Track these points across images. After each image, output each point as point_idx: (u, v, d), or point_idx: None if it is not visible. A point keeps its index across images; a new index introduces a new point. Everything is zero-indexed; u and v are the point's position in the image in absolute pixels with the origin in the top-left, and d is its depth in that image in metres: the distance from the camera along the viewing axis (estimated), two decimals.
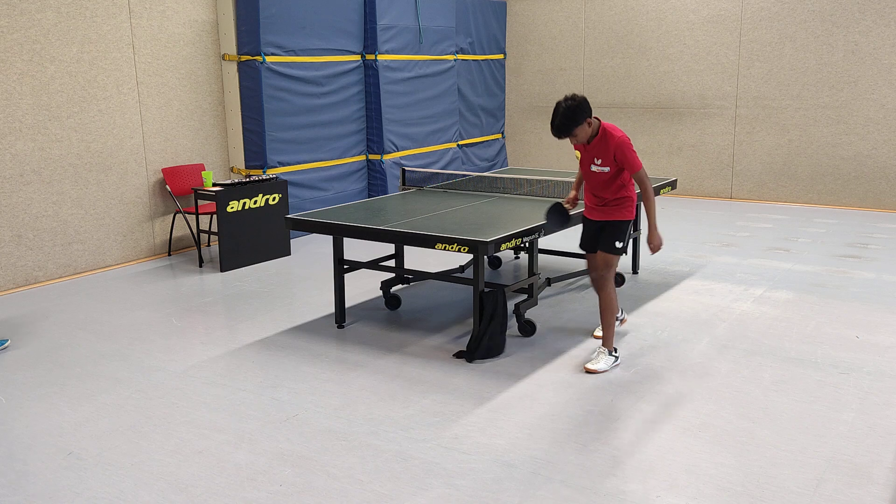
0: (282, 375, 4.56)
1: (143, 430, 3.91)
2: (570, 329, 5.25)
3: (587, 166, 4.58)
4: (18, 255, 6.45)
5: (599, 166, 4.51)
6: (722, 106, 9.94)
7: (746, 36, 9.64)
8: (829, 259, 6.97)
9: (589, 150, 4.54)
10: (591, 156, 4.53)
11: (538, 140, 11.48)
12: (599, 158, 4.50)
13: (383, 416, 4.00)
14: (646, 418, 3.93)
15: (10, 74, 6.27)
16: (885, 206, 9.15)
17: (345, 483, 3.36)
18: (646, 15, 10.28)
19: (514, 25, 11.39)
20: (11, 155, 6.34)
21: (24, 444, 3.77)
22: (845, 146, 9.27)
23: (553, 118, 4.35)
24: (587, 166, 4.58)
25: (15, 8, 6.24)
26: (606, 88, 10.72)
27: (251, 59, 7.72)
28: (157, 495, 3.29)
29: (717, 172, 10.13)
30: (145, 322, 5.58)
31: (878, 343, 4.91)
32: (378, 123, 8.95)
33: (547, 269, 6.66)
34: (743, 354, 4.76)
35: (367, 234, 4.89)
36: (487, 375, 4.49)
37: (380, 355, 4.85)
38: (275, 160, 7.96)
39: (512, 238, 4.62)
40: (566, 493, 3.26)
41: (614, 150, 4.43)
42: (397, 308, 5.79)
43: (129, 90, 7.12)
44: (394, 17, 8.97)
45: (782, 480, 3.32)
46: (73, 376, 4.61)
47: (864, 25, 8.97)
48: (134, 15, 7.09)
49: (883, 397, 4.13)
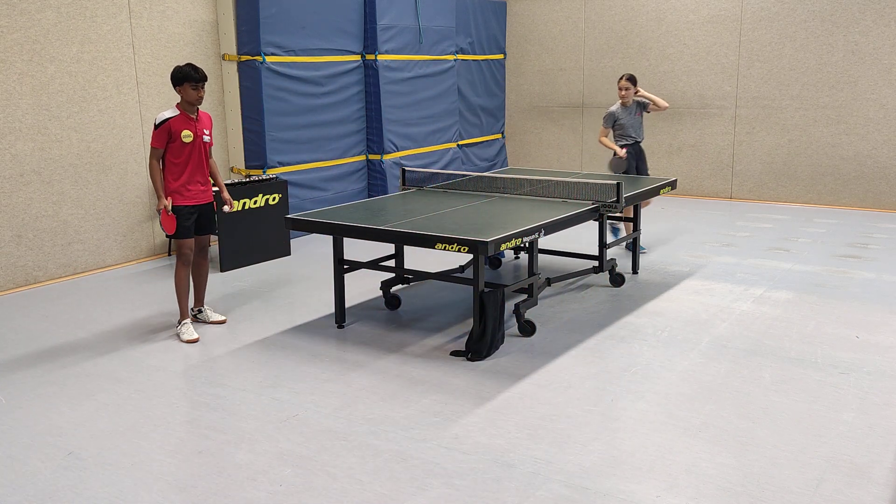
0: (282, 375, 4.56)
1: (143, 430, 3.91)
2: (570, 329, 5.25)
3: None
4: (18, 255, 6.45)
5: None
6: (722, 106, 9.94)
7: (746, 36, 9.64)
8: (829, 259, 6.97)
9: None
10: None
11: (538, 140, 11.48)
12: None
13: (383, 416, 4.00)
14: (646, 418, 3.93)
15: (10, 74, 6.27)
16: (885, 206, 9.15)
17: (345, 483, 3.36)
18: (646, 15, 10.28)
19: (514, 25, 11.39)
20: (11, 155, 6.34)
21: (24, 444, 3.77)
22: (845, 146, 9.27)
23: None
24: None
25: (15, 8, 6.24)
26: (606, 88, 10.72)
27: (251, 59, 7.72)
28: (157, 495, 3.29)
29: (717, 172, 10.13)
30: (145, 322, 5.58)
31: (878, 343, 4.91)
32: (378, 123, 8.95)
33: (547, 269, 6.66)
34: (743, 354, 4.76)
35: (367, 234, 4.89)
36: (487, 375, 4.49)
37: (380, 355, 4.85)
38: (275, 160, 7.95)
39: (512, 238, 4.62)
40: (566, 493, 3.26)
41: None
42: (397, 308, 5.79)
43: (129, 90, 7.12)
44: (394, 17, 8.97)
45: (782, 480, 3.32)
46: (73, 376, 4.61)
47: (864, 25, 8.97)
48: (134, 15, 7.09)
49: (883, 397, 4.13)
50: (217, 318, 5.53)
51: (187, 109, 5.10)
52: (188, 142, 5.06)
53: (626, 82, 7.12)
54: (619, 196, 5.61)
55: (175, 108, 5.10)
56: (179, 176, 5.11)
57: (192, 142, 5.09)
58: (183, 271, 5.23)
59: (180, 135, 5.03)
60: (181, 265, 5.21)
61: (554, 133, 11.33)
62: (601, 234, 6.02)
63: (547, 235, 5.14)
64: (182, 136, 5.04)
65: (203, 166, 5.21)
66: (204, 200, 5.26)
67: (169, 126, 5.02)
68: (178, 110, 5.09)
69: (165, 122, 5.03)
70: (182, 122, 5.06)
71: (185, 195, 5.13)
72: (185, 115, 5.09)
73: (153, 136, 5.05)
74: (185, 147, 5.07)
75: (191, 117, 5.11)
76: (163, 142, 5.04)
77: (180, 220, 5.12)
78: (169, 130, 5.03)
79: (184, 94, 5.05)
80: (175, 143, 5.05)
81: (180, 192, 5.12)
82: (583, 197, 5.75)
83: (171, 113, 5.06)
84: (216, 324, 5.49)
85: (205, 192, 5.25)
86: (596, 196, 5.72)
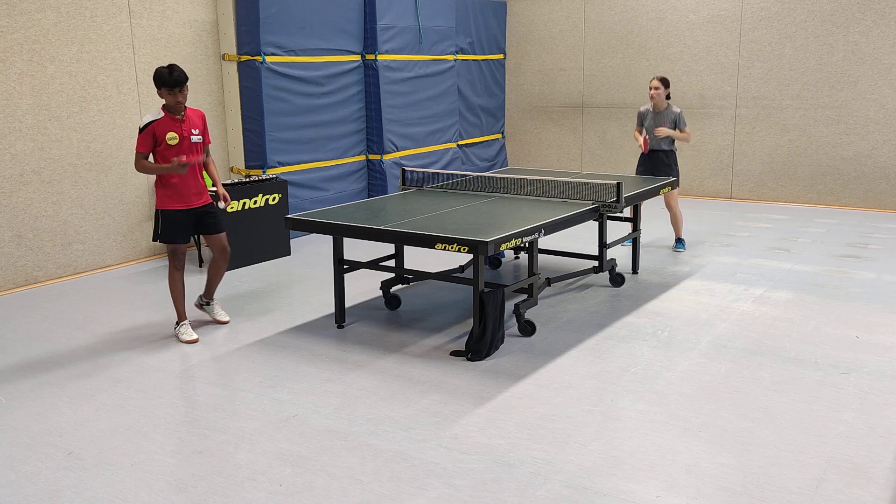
0: (282, 375, 4.56)
1: (143, 430, 3.91)
2: (570, 329, 5.25)
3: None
4: (18, 255, 6.45)
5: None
6: (722, 106, 9.94)
7: (746, 36, 9.64)
8: (829, 259, 6.97)
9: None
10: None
11: (538, 140, 11.48)
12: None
13: (383, 416, 4.00)
14: (646, 418, 3.93)
15: (10, 74, 6.27)
16: (885, 206, 9.15)
17: (345, 483, 3.36)
18: (646, 15, 10.28)
19: (514, 25, 11.39)
20: (11, 155, 6.34)
21: (24, 444, 3.77)
22: (845, 146, 9.27)
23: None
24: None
25: (15, 8, 6.24)
26: (606, 88, 10.72)
27: (251, 59, 7.72)
28: (157, 495, 3.29)
29: (717, 172, 10.13)
30: (145, 322, 5.58)
31: (878, 343, 4.91)
32: (378, 123, 8.95)
33: (547, 269, 6.66)
34: (743, 354, 4.76)
35: (367, 234, 4.89)
36: (487, 375, 4.49)
37: (380, 355, 4.85)
38: (275, 160, 7.95)
39: (512, 238, 4.62)
40: (566, 493, 3.26)
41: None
42: (397, 308, 5.79)
43: (129, 90, 7.12)
44: (394, 17, 8.97)
45: (782, 480, 3.32)
46: (73, 376, 4.61)
47: (864, 25, 8.97)
48: (134, 15, 7.09)
49: (883, 397, 4.13)
50: (223, 317, 5.51)
51: (172, 111, 4.95)
52: (174, 144, 4.92)
53: (657, 82, 7.05)
54: (619, 196, 5.61)
55: (160, 109, 4.96)
56: (170, 179, 4.98)
57: (179, 144, 4.94)
58: (175, 275, 5.14)
59: (165, 137, 4.90)
60: (173, 269, 5.13)
61: (554, 133, 11.33)
62: (601, 234, 6.02)
63: (547, 235, 5.14)
64: (167, 138, 4.90)
65: (195, 168, 5.06)
66: (199, 203, 5.12)
67: (153, 129, 4.89)
68: (162, 112, 4.94)
69: (149, 126, 4.89)
70: (167, 124, 4.92)
71: (177, 199, 5.02)
72: (169, 117, 4.93)
73: (138, 141, 4.88)
74: (171, 150, 4.91)
75: (175, 118, 4.95)
76: (148, 146, 4.90)
77: (169, 224, 5.01)
78: (153, 133, 4.89)
79: (164, 97, 4.89)
80: (161, 147, 4.91)
81: (171, 196, 5.00)
82: (583, 197, 5.75)
83: (154, 116, 4.92)
84: (219, 323, 5.49)
85: (200, 196, 5.13)
86: (596, 196, 5.72)
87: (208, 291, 5.49)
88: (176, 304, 5.23)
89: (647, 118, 7.19)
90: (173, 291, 5.19)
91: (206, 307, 5.53)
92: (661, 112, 7.12)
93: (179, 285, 5.19)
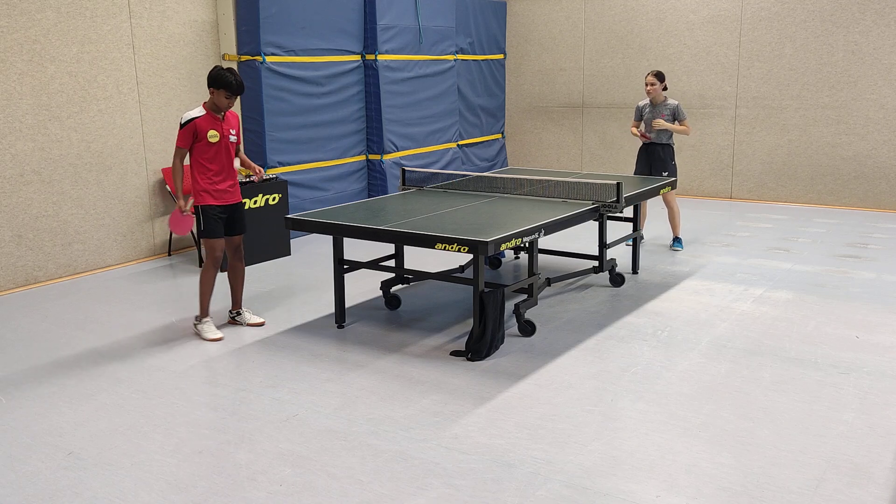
0: (282, 375, 4.56)
1: (143, 430, 3.91)
2: (570, 329, 5.25)
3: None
4: (18, 255, 6.45)
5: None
6: (722, 106, 9.94)
7: (746, 36, 9.64)
8: (829, 259, 6.97)
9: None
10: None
11: (538, 140, 11.49)
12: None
13: (383, 416, 4.00)
14: (646, 418, 3.93)
15: (10, 74, 6.27)
16: (885, 206, 9.15)
17: (345, 483, 3.36)
18: (646, 15, 10.28)
19: (514, 25, 11.39)
20: (11, 155, 6.34)
21: (24, 444, 3.77)
22: (845, 146, 9.27)
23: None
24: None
25: (15, 8, 6.24)
26: (606, 88, 10.72)
27: (251, 59, 7.72)
28: (157, 495, 3.29)
29: (717, 172, 10.13)
30: (145, 322, 5.58)
31: (878, 343, 4.92)
32: (378, 123, 8.95)
33: (547, 269, 6.66)
34: (743, 354, 4.76)
35: (367, 234, 4.89)
36: (487, 375, 4.49)
37: (380, 355, 4.85)
38: (275, 160, 7.96)
39: (512, 238, 4.62)
40: (566, 493, 3.26)
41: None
42: (397, 308, 5.79)
43: (129, 90, 7.12)
44: (394, 17, 8.97)
45: (782, 480, 3.32)
46: (73, 376, 4.61)
47: (864, 25, 8.97)
48: (134, 15, 7.09)
49: (883, 397, 4.13)
50: (256, 320, 5.47)
51: (214, 110, 5.05)
52: (214, 142, 5.02)
53: (652, 77, 7.14)
54: (619, 196, 5.61)
55: (201, 107, 5.05)
56: (208, 175, 5.08)
57: (219, 142, 5.05)
58: (211, 271, 5.18)
59: (206, 135, 4.99)
60: (210, 265, 5.17)
61: (554, 133, 11.33)
62: (601, 234, 6.02)
63: (547, 235, 5.14)
64: (208, 136, 5.00)
65: (231, 166, 5.17)
66: (233, 201, 5.21)
67: (195, 126, 4.98)
68: (204, 110, 5.03)
69: (191, 122, 4.98)
70: (208, 122, 5.01)
71: (214, 195, 5.10)
72: (211, 115, 5.03)
73: (178, 136, 5.02)
74: (210, 147, 5.03)
75: (217, 117, 5.06)
76: (188, 141, 5.01)
77: (209, 220, 5.10)
78: (194, 130, 4.99)
79: (216, 98, 4.98)
80: (201, 143, 5.01)
81: (209, 191, 5.09)
82: (583, 197, 5.75)
83: (197, 112, 5.02)
84: (255, 325, 5.44)
85: (233, 193, 5.22)
86: (596, 196, 5.72)
87: (235, 302, 5.46)
88: (202, 300, 5.23)
89: (646, 111, 7.23)
90: (204, 286, 5.20)
91: (237, 318, 5.48)
92: (658, 105, 7.17)
93: (213, 282, 5.22)
